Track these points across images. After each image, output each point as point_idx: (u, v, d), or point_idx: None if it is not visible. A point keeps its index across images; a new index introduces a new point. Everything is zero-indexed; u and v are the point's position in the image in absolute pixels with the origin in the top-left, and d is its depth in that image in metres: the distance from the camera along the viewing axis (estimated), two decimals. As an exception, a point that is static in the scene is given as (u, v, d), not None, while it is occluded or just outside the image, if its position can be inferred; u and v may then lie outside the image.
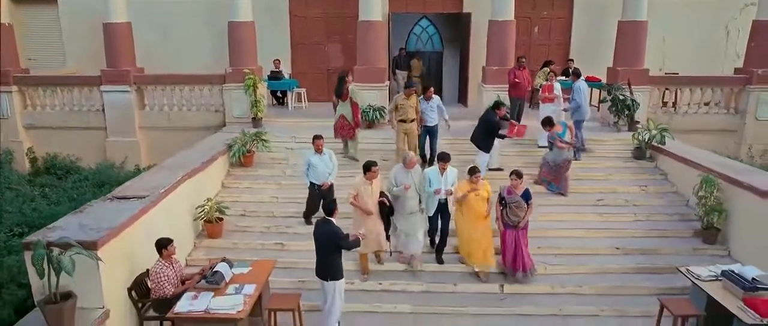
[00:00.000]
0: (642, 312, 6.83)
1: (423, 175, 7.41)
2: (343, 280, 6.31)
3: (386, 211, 7.26)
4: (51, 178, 11.90)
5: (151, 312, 6.27)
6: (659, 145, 9.88)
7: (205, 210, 8.17)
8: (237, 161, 9.97)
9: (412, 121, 9.48)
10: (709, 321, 6.22)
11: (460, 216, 7.38)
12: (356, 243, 6.29)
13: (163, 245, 6.21)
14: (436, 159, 7.70)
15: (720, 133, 11.81)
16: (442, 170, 7.33)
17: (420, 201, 7.41)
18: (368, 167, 7.08)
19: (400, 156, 8.90)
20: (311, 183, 8.25)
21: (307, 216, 8.50)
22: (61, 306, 5.17)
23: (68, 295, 5.32)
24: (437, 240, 7.77)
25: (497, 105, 9.45)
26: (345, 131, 10.25)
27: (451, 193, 7.31)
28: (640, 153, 10.24)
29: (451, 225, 7.66)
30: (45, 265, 5.03)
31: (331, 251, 6.14)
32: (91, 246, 5.43)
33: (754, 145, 11.80)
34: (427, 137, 9.95)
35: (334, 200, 6.64)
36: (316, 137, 8.30)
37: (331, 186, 8.33)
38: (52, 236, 5.61)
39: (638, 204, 9.03)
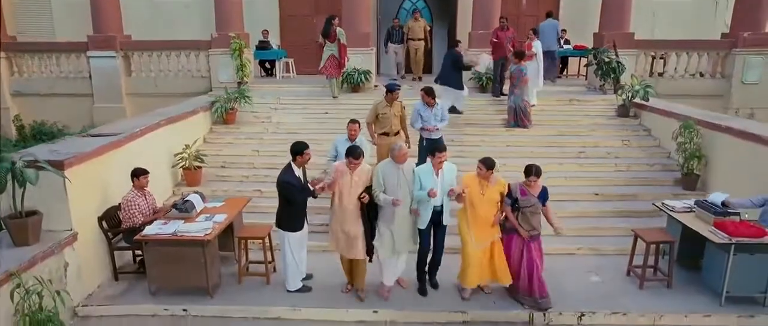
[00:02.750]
0: (617, 250, 6.83)
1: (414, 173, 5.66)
2: (298, 234, 5.82)
3: (370, 213, 5.60)
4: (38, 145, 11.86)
5: (122, 243, 6.25)
6: (642, 102, 9.85)
7: (184, 157, 8.16)
8: (219, 118, 9.97)
9: (397, 133, 7.59)
10: (682, 249, 6.22)
11: (463, 224, 5.67)
12: (307, 193, 5.68)
13: (136, 174, 6.21)
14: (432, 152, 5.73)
15: (707, 97, 11.74)
16: (437, 167, 5.53)
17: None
18: (354, 153, 5.45)
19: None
20: None
21: None
22: (25, 221, 5.17)
23: (34, 213, 5.32)
24: (429, 259, 5.96)
25: (456, 43, 10.58)
26: (333, 69, 11.03)
27: (453, 194, 5.51)
28: (624, 110, 10.22)
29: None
30: (9, 178, 5.02)
31: (284, 199, 5.68)
32: (58, 166, 5.41)
33: (741, 109, 11.75)
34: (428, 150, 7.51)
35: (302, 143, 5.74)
36: (352, 121, 6.88)
37: None
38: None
39: (620, 156, 9.01)
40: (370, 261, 5.80)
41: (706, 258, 5.95)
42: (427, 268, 5.97)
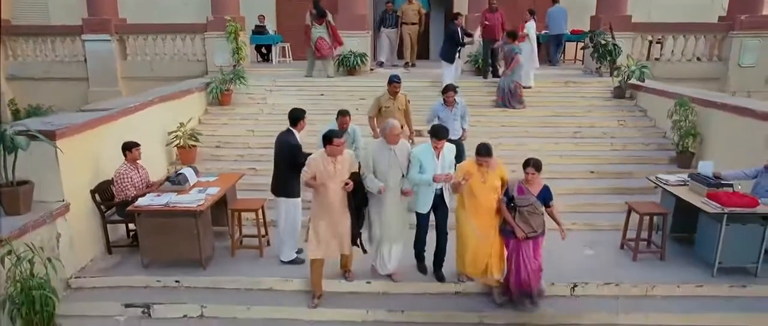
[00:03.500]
0: (612, 226, 6.85)
1: (411, 156, 5.29)
2: (298, 200, 5.82)
3: (356, 201, 5.20)
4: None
5: (115, 217, 6.24)
6: (638, 82, 9.84)
7: (178, 135, 8.14)
8: (215, 99, 9.95)
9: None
10: (675, 223, 6.22)
11: (461, 212, 5.29)
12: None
13: (127, 147, 6.20)
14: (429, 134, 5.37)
15: (703, 81, 11.67)
16: (437, 149, 5.21)
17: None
18: (330, 138, 4.97)
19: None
20: None
21: None
22: (16, 190, 5.15)
23: (25, 182, 5.31)
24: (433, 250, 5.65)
25: (455, 15, 10.66)
26: (325, 50, 11.21)
27: (451, 179, 5.16)
28: (620, 92, 10.20)
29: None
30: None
31: (286, 164, 5.65)
32: (49, 136, 5.40)
33: (738, 92, 11.68)
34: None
35: (301, 113, 5.84)
36: (342, 112, 6.42)
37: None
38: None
39: (616, 136, 9.01)
40: (364, 251, 5.52)
41: (699, 231, 5.96)
42: (433, 260, 5.64)
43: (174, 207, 5.60)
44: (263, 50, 14.22)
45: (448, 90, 7.14)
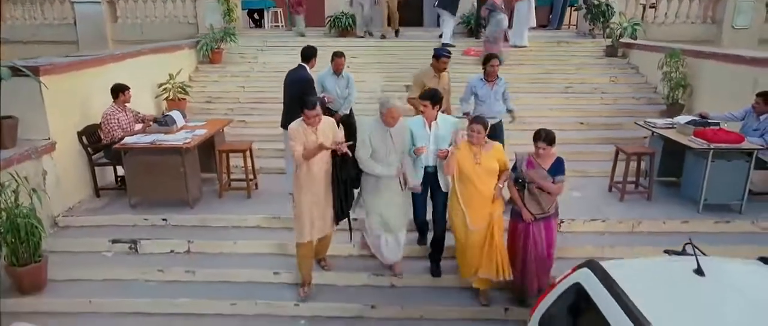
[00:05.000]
0: (601, 172, 6.83)
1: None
2: None
3: (342, 174, 4.46)
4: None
5: (103, 160, 6.23)
6: (630, 40, 9.81)
7: (167, 88, 8.10)
8: (205, 56, 9.89)
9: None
10: (662, 165, 6.25)
11: (454, 200, 4.49)
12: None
13: (120, 89, 6.16)
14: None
15: (697, 43, 11.48)
16: (430, 118, 4.55)
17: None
18: (307, 103, 4.28)
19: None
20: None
21: None
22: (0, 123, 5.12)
23: (9, 117, 5.28)
24: (429, 235, 4.95)
25: None
26: (300, 6, 11.50)
27: (446, 155, 4.41)
28: (612, 50, 10.18)
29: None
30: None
31: (299, 97, 5.43)
32: (34, 71, 5.36)
33: (731, 55, 11.70)
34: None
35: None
36: (337, 54, 6.27)
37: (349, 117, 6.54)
38: (-6, 64, 5.54)
39: (607, 91, 9.02)
40: (350, 238, 4.85)
41: (685, 170, 5.98)
42: (429, 254, 4.96)
43: (161, 145, 5.59)
44: (256, 16, 14.15)
45: (491, 58, 5.73)
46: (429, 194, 4.79)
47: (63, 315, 4.61)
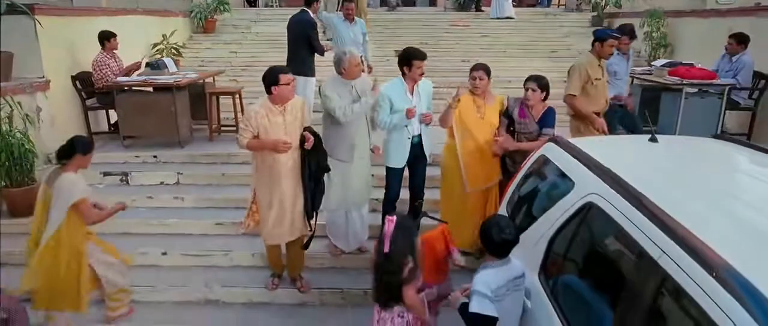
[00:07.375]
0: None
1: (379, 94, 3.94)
2: (313, 79, 6.09)
3: (311, 167, 3.69)
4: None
5: (96, 104, 6.40)
6: (616, 9, 10.03)
7: (160, 49, 8.27)
8: (199, 26, 10.07)
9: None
10: (641, 110, 6.41)
11: (449, 159, 4.11)
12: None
13: (106, 37, 6.33)
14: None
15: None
16: (413, 81, 4.01)
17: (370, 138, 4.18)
18: (275, 75, 3.48)
19: None
20: None
21: None
22: (-5, 55, 5.28)
23: (5, 52, 5.45)
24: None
25: None
26: None
27: (430, 120, 4.10)
28: (597, 20, 10.38)
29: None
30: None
31: (302, 41, 5.94)
32: (29, 9, 5.53)
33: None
34: (622, 125, 5.64)
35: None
36: None
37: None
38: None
39: (591, 56, 9.19)
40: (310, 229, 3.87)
41: (661, 112, 6.14)
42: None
43: (152, 82, 5.77)
44: (251, -4, 14.33)
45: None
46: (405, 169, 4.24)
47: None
